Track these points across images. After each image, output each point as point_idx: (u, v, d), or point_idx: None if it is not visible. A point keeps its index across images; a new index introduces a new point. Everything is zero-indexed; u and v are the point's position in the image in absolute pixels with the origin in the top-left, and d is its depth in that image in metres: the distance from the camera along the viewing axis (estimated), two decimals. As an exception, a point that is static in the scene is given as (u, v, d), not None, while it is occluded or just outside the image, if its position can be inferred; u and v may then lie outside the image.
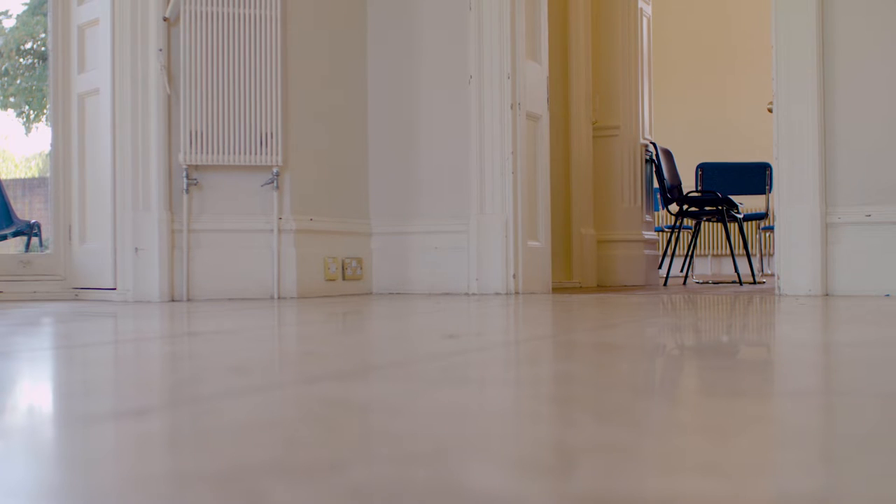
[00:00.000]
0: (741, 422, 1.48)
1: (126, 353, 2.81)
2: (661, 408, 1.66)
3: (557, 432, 1.41)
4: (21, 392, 2.06)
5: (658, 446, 1.29)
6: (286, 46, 6.49)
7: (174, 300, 6.10)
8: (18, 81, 28.32)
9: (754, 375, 2.14)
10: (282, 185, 6.45)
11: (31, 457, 1.28)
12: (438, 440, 1.32)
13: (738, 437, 1.35)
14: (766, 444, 1.32)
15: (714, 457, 1.20)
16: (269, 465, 1.15)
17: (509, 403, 1.76)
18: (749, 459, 1.20)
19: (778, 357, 2.61)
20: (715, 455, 1.21)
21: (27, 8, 27.84)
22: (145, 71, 6.24)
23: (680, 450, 1.25)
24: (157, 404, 1.72)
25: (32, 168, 30.09)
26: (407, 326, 3.92)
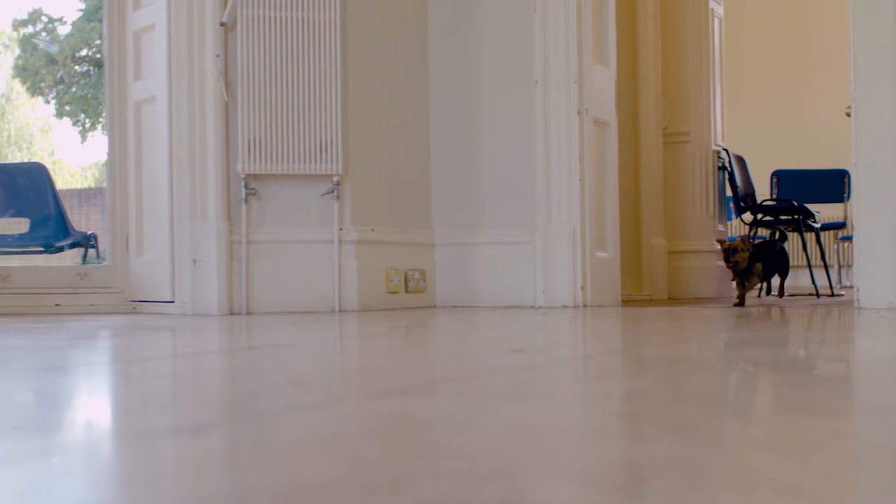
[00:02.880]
0: (819, 439, 1.47)
1: (185, 368, 2.84)
2: (736, 424, 1.65)
3: (628, 449, 1.41)
4: (79, 407, 2.09)
5: (732, 464, 1.28)
6: (346, 51, 6.51)
7: (233, 313, 6.14)
8: (74, 89, 28.67)
9: (833, 391, 2.13)
10: (342, 195, 6.47)
11: (90, 474, 1.29)
12: (505, 457, 1.33)
13: (815, 455, 1.34)
14: (845, 463, 1.31)
15: (791, 475, 1.20)
16: (332, 482, 1.16)
17: (578, 419, 1.76)
18: (827, 478, 1.20)
19: (857, 372, 2.59)
20: (791, 473, 1.21)
21: (82, 14, 28.20)
22: (202, 77, 6.29)
23: (755, 468, 1.24)
24: (216, 420, 1.74)
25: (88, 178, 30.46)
26: (472, 340, 3.92)
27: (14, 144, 31.53)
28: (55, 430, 1.68)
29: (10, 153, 31.04)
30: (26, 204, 9.61)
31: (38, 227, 9.59)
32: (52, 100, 29.41)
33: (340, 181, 6.45)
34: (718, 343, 3.52)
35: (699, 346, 3.38)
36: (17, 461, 1.35)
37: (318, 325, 4.70)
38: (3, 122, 31.58)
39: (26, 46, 29.52)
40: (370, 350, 3.41)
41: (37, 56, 28.88)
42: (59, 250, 9.99)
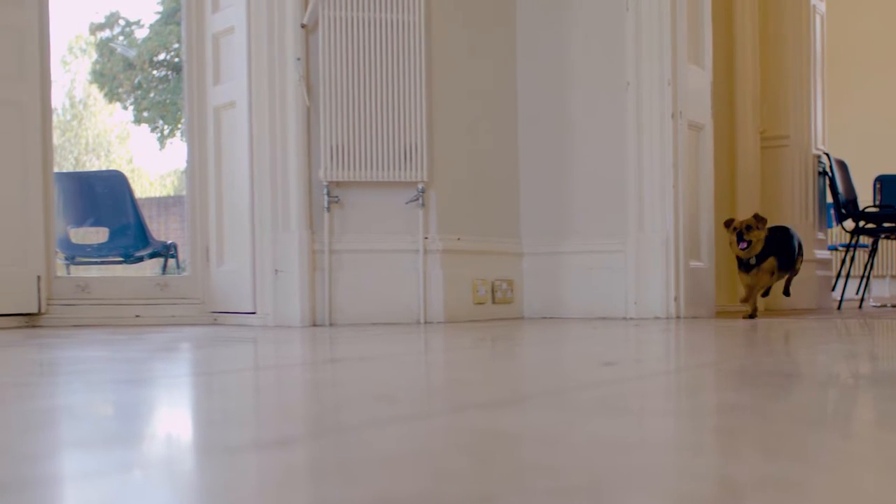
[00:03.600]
0: (923, 457, 1.47)
1: (267, 381, 2.88)
2: (835, 441, 1.65)
3: (722, 466, 1.41)
4: (160, 421, 2.13)
5: (831, 482, 1.28)
6: (430, 53, 6.54)
7: (315, 325, 6.18)
8: (152, 95, 29.01)
9: (940, 407, 2.10)
10: (427, 202, 6.49)
11: (171, 488, 1.33)
12: (595, 473, 1.34)
13: (919, 474, 1.33)
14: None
15: (892, 496, 1.20)
16: (418, 497, 1.18)
17: (670, 435, 1.77)
18: (930, 498, 1.19)
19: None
20: (893, 494, 1.21)
21: (160, 17, 28.52)
22: (283, 81, 6.34)
23: (854, 487, 1.24)
24: (300, 434, 1.77)
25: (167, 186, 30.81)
26: (561, 352, 3.92)
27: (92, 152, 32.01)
28: (136, 444, 1.72)
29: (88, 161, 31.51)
30: (105, 213, 9.76)
31: (117, 236, 9.74)
32: (129, 106, 29.80)
33: (425, 188, 6.47)
34: (817, 355, 3.49)
35: (797, 358, 3.36)
36: (99, 475, 1.39)
37: (402, 336, 4.73)
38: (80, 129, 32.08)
39: (103, 51, 29.94)
40: (456, 363, 3.42)
41: (114, 61, 29.27)
42: (139, 260, 10.13)
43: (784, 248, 6.93)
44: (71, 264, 10.07)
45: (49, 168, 6.65)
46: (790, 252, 7.01)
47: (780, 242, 6.91)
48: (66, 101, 32.46)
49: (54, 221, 6.85)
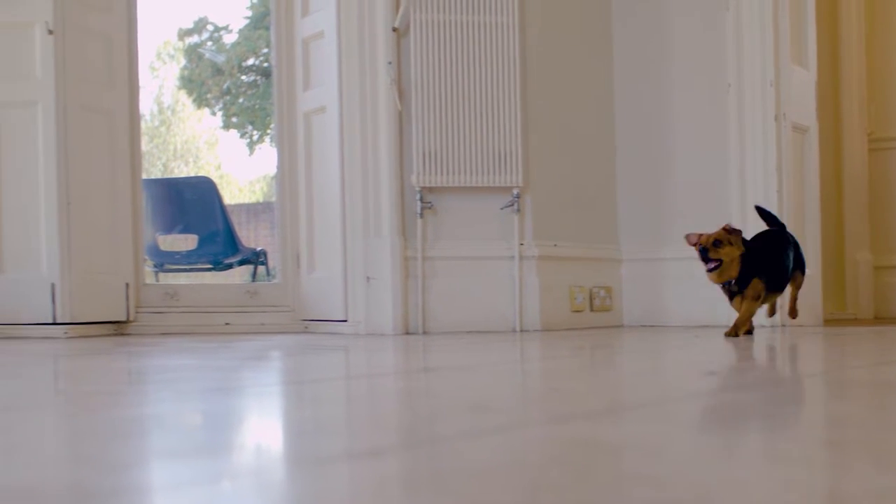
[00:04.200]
0: None
1: (359, 390, 2.89)
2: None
3: (831, 480, 1.39)
4: (250, 430, 2.15)
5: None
6: (524, 56, 6.52)
7: (408, 333, 6.19)
8: (241, 100, 29.28)
9: None
10: (522, 208, 6.47)
11: (261, 499, 1.33)
12: (698, 486, 1.33)
13: None
14: None
15: None
16: (514, 510, 1.18)
17: (775, 446, 1.74)
18: None
19: None
20: None
21: (249, 21, 28.79)
22: (374, 86, 6.36)
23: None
24: (392, 445, 1.77)
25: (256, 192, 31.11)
26: (662, 361, 3.90)
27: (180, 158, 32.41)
28: (226, 454, 1.73)
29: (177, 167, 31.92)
30: (194, 220, 9.87)
31: (207, 243, 9.84)
32: (218, 111, 30.10)
33: (521, 193, 6.45)
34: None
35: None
36: (188, 485, 1.40)
37: (497, 345, 4.73)
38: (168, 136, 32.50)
39: (192, 56, 30.29)
40: (553, 372, 3.42)
41: (203, 66, 29.59)
42: (228, 267, 10.24)
43: (774, 263, 5.49)
44: (160, 272, 10.20)
45: (137, 175, 6.74)
46: (782, 268, 5.56)
47: (769, 256, 5.48)
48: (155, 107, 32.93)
49: (143, 228, 6.95)
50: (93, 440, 1.91)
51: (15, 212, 6.39)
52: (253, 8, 28.66)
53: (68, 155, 6.29)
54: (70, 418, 2.27)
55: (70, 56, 6.38)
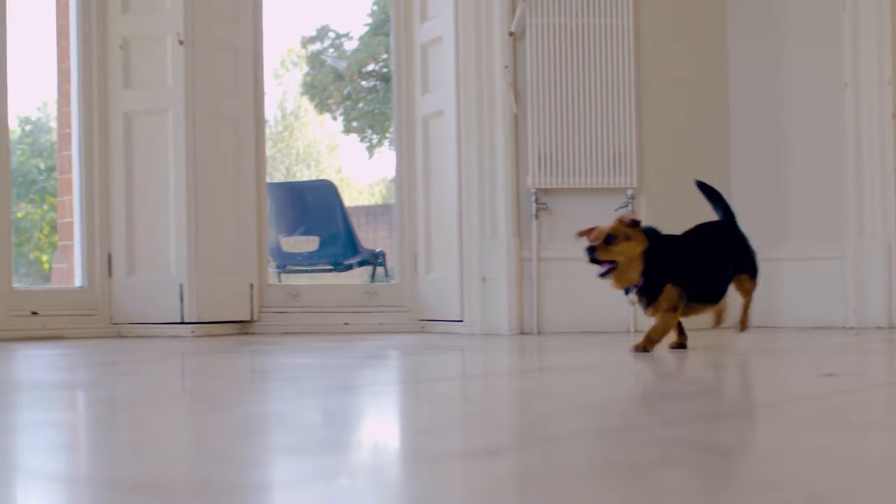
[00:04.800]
0: None
1: (475, 390, 2.89)
2: None
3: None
4: (368, 428, 2.15)
5: None
6: (639, 58, 6.47)
7: (523, 333, 6.18)
8: (361, 105, 29.49)
9: None
10: (637, 208, 6.42)
11: (378, 496, 1.34)
12: (813, 489, 1.30)
13: None
14: None
15: None
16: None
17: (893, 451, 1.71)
18: None
19: None
20: None
21: (369, 28, 28.99)
22: (490, 90, 6.36)
23: None
24: (507, 444, 1.76)
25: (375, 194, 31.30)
26: (777, 363, 3.85)
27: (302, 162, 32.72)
28: (345, 451, 1.74)
29: (299, 171, 32.22)
30: (315, 222, 9.96)
31: (327, 244, 9.92)
32: (339, 116, 30.33)
33: (635, 194, 6.40)
34: None
35: None
36: (308, 481, 1.41)
37: (611, 346, 4.70)
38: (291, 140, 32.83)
39: (314, 63, 30.56)
40: (667, 373, 3.38)
41: (324, 72, 29.84)
42: (348, 268, 10.31)
43: (698, 265, 4.29)
44: (282, 272, 10.30)
45: (262, 179, 6.82)
46: (712, 271, 4.38)
47: (690, 256, 4.29)
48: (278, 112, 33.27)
49: (267, 231, 7.02)
50: (218, 437, 1.93)
51: (146, 216, 6.50)
52: (373, 15, 28.84)
53: (196, 160, 6.38)
54: (196, 415, 2.30)
55: (199, 65, 6.47)
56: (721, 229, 4.56)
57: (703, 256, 4.31)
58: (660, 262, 4.11)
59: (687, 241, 4.37)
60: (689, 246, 4.33)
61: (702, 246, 4.36)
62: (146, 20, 6.55)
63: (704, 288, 4.28)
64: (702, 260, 4.29)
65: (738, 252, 4.45)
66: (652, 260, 4.08)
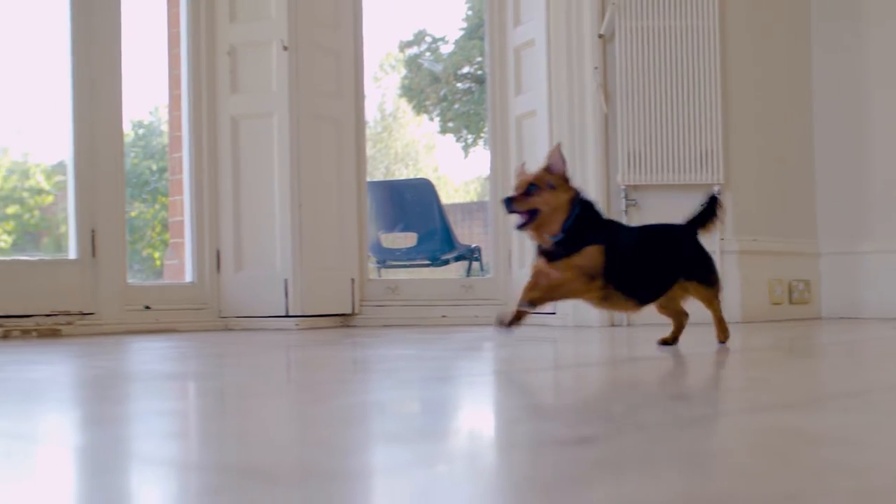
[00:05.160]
0: None
1: (567, 379, 2.88)
2: None
3: None
4: (464, 416, 2.16)
5: None
6: (724, 58, 6.41)
7: (613, 325, 6.15)
8: (456, 106, 29.56)
9: None
10: (723, 205, 6.35)
11: (475, 482, 1.34)
12: (899, 476, 1.28)
13: None
14: None
15: None
16: (718, 496, 1.15)
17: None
18: None
19: None
20: None
21: (464, 32, 29.05)
22: (581, 90, 6.35)
23: None
24: (599, 432, 1.75)
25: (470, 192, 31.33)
26: (861, 353, 3.79)
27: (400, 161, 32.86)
28: (442, 439, 1.74)
29: (397, 170, 32.37)
30: (413, 219, 10.00)
31: (425, 240, 9.95)
32: (435, 117, 30.44)
33: (721, 190, 6.35)
34: None
35: None
36: (407, 468, 1.41)
37: (700, 336, 4.66)
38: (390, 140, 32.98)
39: (412, 66, 30.70)
40: (754, 362, 3.35)
41: (421, 75, 29.96)
42: (445, 263, 10.34)
43: (629, 252, 3.74)
44: (381, 267, 10.34)
45: (362, 177, 6.86)
46: (651, 266, 3.84)
47: (624, 238, 3.80)
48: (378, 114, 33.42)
49: (367, 227, 7.06)
50: (321, 425, 1.94)
51: (252, 214, 6.57)
52: (468, 20, 28.88)
53: (300, 161, 6.44)
54: (300, 404, 2.31)
55: (302, 70, 6.52)
56: (673, 232, 4.10)
57: (641, 247, 3.81)
58: (589, 224, 3.65)
59: (629, 228, 4.09)
60: (629, 231, 4.00)
61: (644, 238, 3.93)
62: (252, 28, 6.63)
63: (633, 280, 3.73)
64: (638, 249, 3.78)
65: (686, 259, 3.96)
66: (581, 218, 3.63)
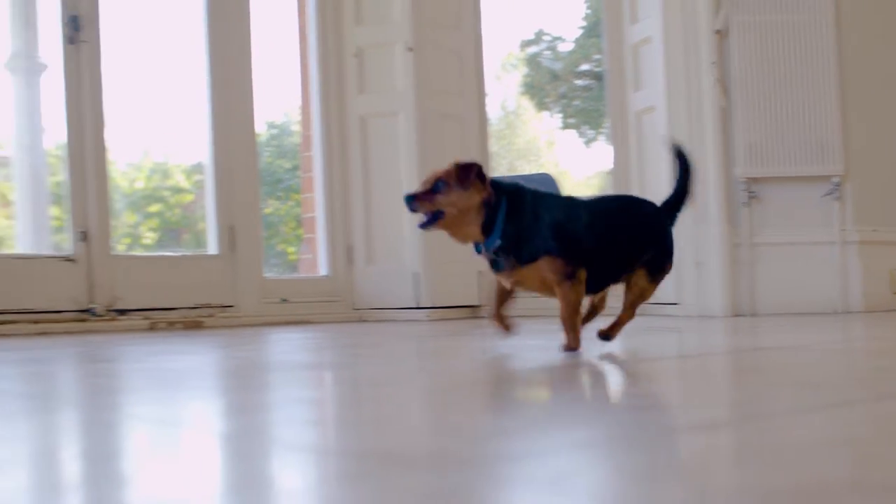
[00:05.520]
0: None
1: (692, 368, 2.86)
2: None
3: None
4: (591, 405, 2.16)
5: None
6: (840, 49, 6.30)
7: (736, 315, 6.09)
8: (576, 103, 29.49)
9: None
10: (843, 195, 6.26)
11: (598, 467, 1.34)
12: None
13: None
14: None
15: None
16: (842, 483, 1.14)
17: None
18: None
19: None
20: None
21: (583, 31, 28.95)
22: (698, 85, 6.30)
23: None
24: (724, 419, 1.74)
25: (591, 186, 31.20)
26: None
27: (523, 157, 32.84)
28: (571, 426, 1.75)
29: (520, 165, 32.35)
30: (535, 213, 10.00)
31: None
32: (556, 114, 30.40)
33: (841, 181, 6.25)
34: None
35: None
36: (540, 455, 1.42)
37: (822, 326, 4.59)
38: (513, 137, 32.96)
39: (532, 65, 30.68)
40: (878, 351, 3.29)
41: (541, 73, 29.93)
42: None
43: (582, 234, 3.26)
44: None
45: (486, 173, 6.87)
46: (611, 249, 3.37)
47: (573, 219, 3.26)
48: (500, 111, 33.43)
49: (493, 222, 7.07)
50: (455, 412, 1.96)
51: (382, 210, 6.64)
52: (587, 18, 28.77)
53: (426, 157, 6.49)
54: (433, 392, 2.33)
55: (426, 70, 6.58)
56: (633, 207, 3.54)
57: (597, 228, 3.29)
58: (525, 219, 3.19)
59: (576, 204, 3.36)
60: (577, 208, 3.33)
61: (599, 215, 3.34)
62: (377, 30, 6.70)
63: (593, 268, 3.31)
64: (594, 231, 3.27)
65: (646, 243, 3.46)
66: (512, 218, 3.18)
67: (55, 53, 5.99)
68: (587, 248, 3.22)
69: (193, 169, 15.35)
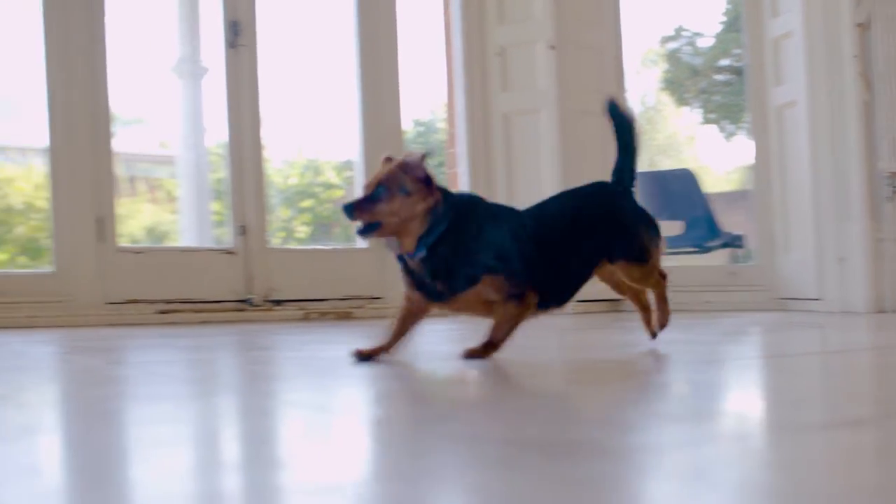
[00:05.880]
0: None
1: (835, 364, 2.81)
2: None
3: None
4: (730, 399, 2.14)
5: None
6: None
7: (880, 311, 5.95)
8: (716, 98, 29.12)
9: None
10: None
11: (745, 461, 1.33)
12: None
13: None
14: None
15: None
16: None
17: None
18: None
19: None
20: None
21: (723, 26, 28.56)
22: (840, 79, 6.16)
23: None
24: (869, 416, 1.71)
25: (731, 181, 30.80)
26: None
27: (663, 153, 32.54)
28: (712, 419, 1.73)
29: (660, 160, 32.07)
30: (679, 207, 9.93)
31: (691, 228, 9.87)
32: (696, 109, 30.06)
33: None
34: None
35: None
36: (680, 446, 1.42)
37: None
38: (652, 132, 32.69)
39: (672, 60, 30.38)
40: None
41: (681, 68, 29.62)
42: (709, 250, 10.21)
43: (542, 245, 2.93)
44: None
45: (630, 168, 6.84)
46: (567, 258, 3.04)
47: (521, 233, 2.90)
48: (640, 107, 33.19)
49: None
50: (601, 403, 1.96)
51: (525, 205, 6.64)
52: (727, 13, 28.37)
53: (567, 154, 6.49)
54: (578, 384, 2.34)
55: (567, 68, 6.56)
56: (583, 203, 3.23)
57: (547, 239, 2.95)
58: (464, 238, 2.76)
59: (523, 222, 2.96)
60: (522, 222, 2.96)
61: (547, 226, 3.00)
62: (519, 29, 6.70)
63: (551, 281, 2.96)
64: (544, 244, 2.92)
65: (607, 232, 3.12)
66: (452, 233, 2.75)
67: (216, 57, 6.16)
68: (537, 265, 2.84)
69: (343, 165, 15.56)
